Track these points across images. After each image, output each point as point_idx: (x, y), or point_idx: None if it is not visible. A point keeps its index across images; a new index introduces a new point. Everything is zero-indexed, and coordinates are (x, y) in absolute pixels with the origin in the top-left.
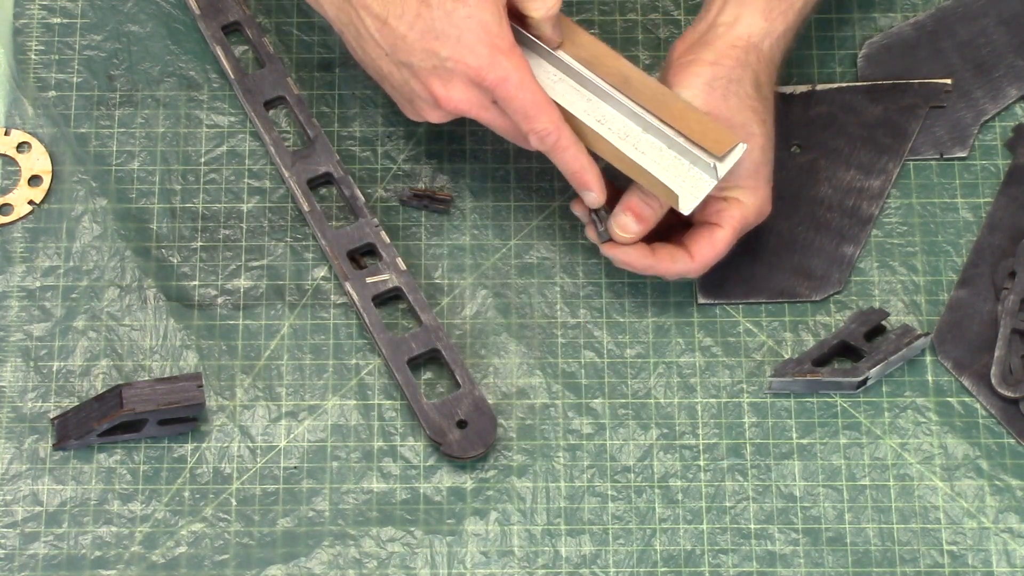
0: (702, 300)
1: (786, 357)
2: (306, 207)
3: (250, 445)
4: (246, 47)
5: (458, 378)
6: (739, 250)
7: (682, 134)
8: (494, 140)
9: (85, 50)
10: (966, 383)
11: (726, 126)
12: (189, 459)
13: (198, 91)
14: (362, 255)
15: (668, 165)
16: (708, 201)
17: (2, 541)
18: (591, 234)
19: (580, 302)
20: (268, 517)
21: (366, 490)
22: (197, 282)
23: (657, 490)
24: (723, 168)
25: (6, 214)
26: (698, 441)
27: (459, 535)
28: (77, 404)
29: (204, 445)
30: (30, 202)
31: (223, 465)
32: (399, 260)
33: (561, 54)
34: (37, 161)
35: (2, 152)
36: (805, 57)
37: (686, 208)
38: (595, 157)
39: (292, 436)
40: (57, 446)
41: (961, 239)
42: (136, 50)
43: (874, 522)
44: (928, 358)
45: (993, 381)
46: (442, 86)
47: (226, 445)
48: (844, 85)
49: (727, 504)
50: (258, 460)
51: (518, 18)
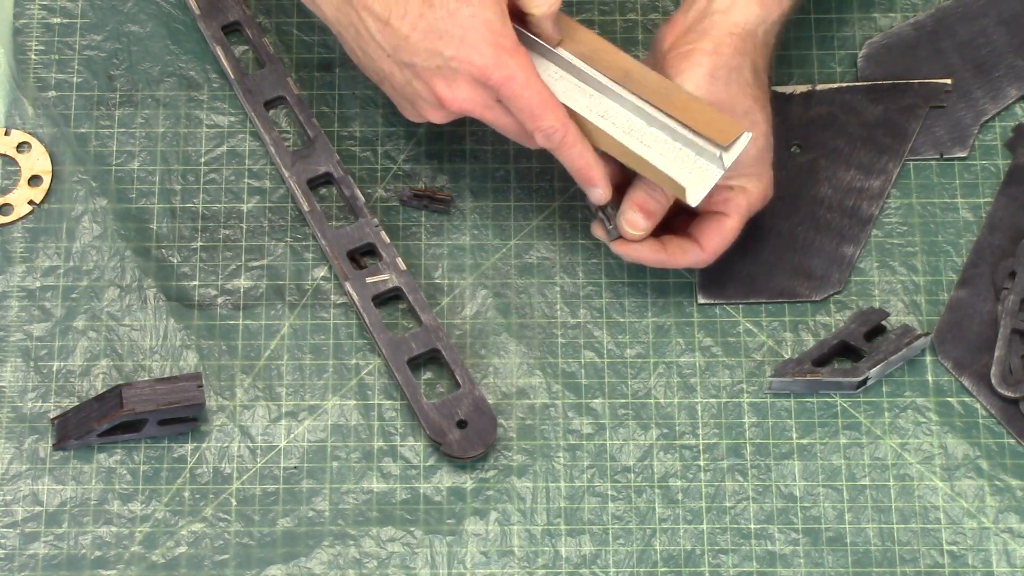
0: (702, 300)
1: (786, 357)
2: (306, 207)
3: (250, 445)
4: (246, 47)
5: (458, 378)
6: (739, 250)
7: (686, 126)
8: (494, 140)
9: (85, 50)
10: (966, 383)
11: (730, 116)
12: (189, 459)
13: (198, 91)
14: (362, 255)
15: (674, 157)
16: (714, 191)
17: (2, 541)
18: (599, 233)
19: (580, 302)
20: (268, 517)
21: (366, 490)
22: (197, 282)
23: (657, 490)
24: (729, 158)
25: (6, 214)
26: (698, 441)
27: (459, 535)
28: (77, 404)
29: (204, 445)
30: (30, 202)
31: (223, 465)
32: (399, 260)
33: (561, 51)
34: (37, 161)
35: (2, 152)
36: (805, 57)
37: (694, 200)
38: (599, 154)
39: (292, 436)
40: (57, 446)
41: (961, 239)
42: (136, 50)
43: (874, 522)
44: (928, 358)
45: (993, 381)
46: (446, 86)
47: (226, 445)
48: (844, 85)
49: (727, 504)
50: (258, 460)
51: (518, 16)
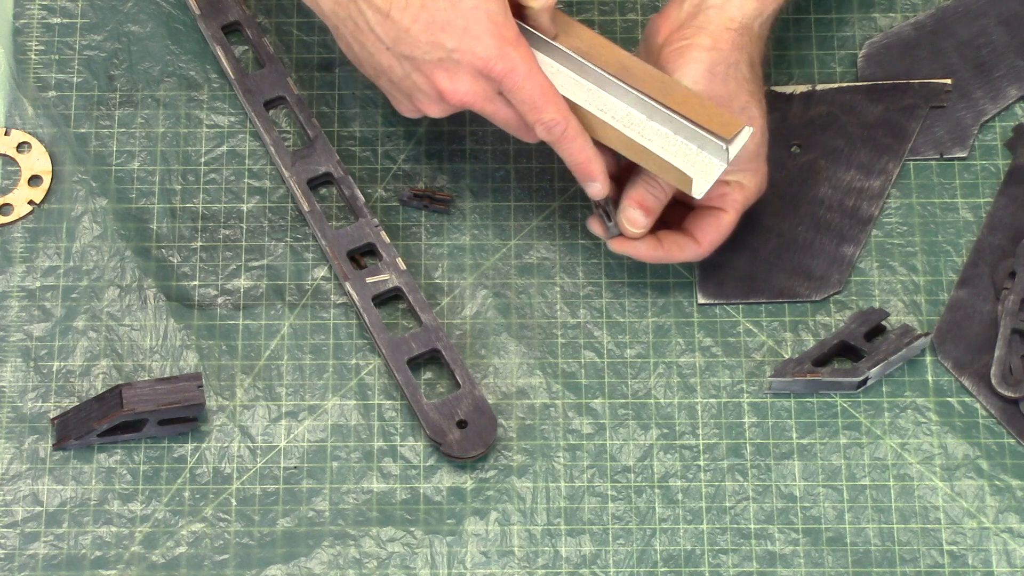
0: (702, 300)
1: (786, 357)
2: (306, 207)
3: (250, 445)
4: (246, 47)
5: (458, 378)
6: (739, 250)
7: (688, 119)
8: (494, 140)
9: (85, 50)
10: (966, 383)
11: (729, 110)
12: (189, 459)
13: (198, 91)
14: (362, 255)
15: (676, 151)
16: (712, 186)
17: (2, 541)
18: (597, 229)
19: (580, 302)
20: (268, 517)
21: (366, 490)
22: (197, 282)
23: (657, 490)
24: (733, 151)
25: (6, 214)
26: (698, 441)
27: (459, 535)
28: (77, 404)
29: (204, 445)
30: (30, 202)
31: (223, 465)
32: (399, 260)
33: (558, 45)
34: (37, 161)
35: (2, 152)
36: (805, 57)
37: (699, 192)
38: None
39: (292, 436)
40: (57, 446)
41: (961, 239)
42: (136, 50)
43: (874, 522)
44: (928, 358)
45: (993, 381)
46: (448, 78)
47: (226, 445)
48: (844, 85)
49: (727, 504)
50: (258, 460)
51: (515, 10)
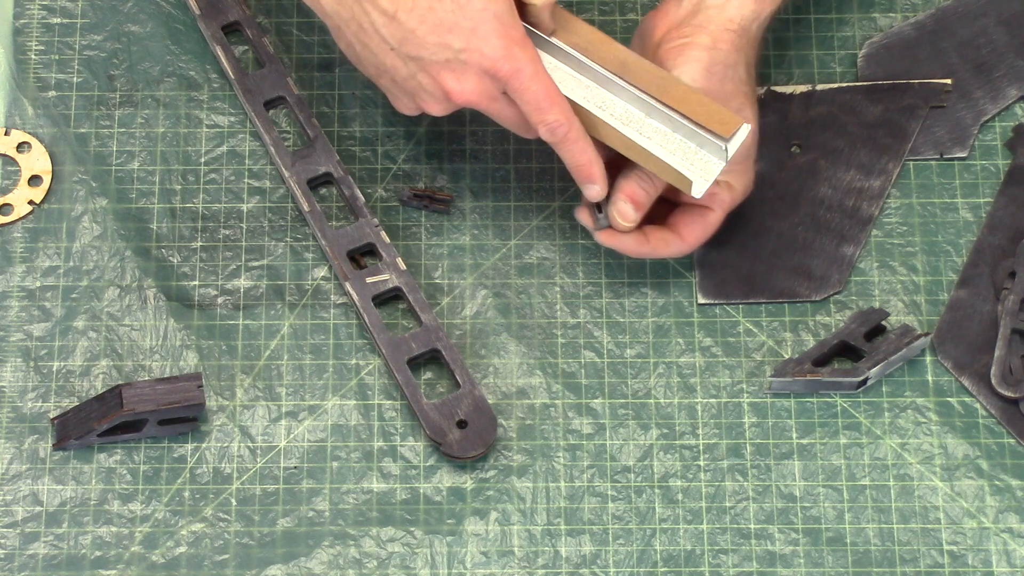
0: (702, 300)
1: (786, 357)
2: (306, 207)
3: (250, 445)
4: (246, 47)
5: (458, 378)
6: (739, 250)
7: (687, 117)
8: (494, 140)
9: (85, 50)
10: (966, 383)
11: (727, 108)
12: (189, 459)
13: (198, 91)
14: (362, 255)
15: (675, 149)
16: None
17: (2, 541)
18: (586, 220)
19: (580, 302)
20: (268, 517)
21: (366, 490)
22: (197, 282)
23: (657, 490)
24: (731, 149)
25: (6, 214)
26: (698, 441)
27: (459, 535)
28: (77, 404)
29: (204, 445)
30: (30, 202)
31: (223, 465)
32: (399, 260)
33: (557, 41)
34: (37, 161)
35: (2, 152)
36: (805, 57)
37: (699, 192)
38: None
39: (292, 436)
40: (57, 446)
41: (961, 239)
42: (136, 50)
43: (874, 522)
44: (928, 358)
45: (993, 381)
46: (455, 79)
47: (226, 445)
48: (844, 85)
49: (727, 504)
50: (258, 460)
51: (515, 6)
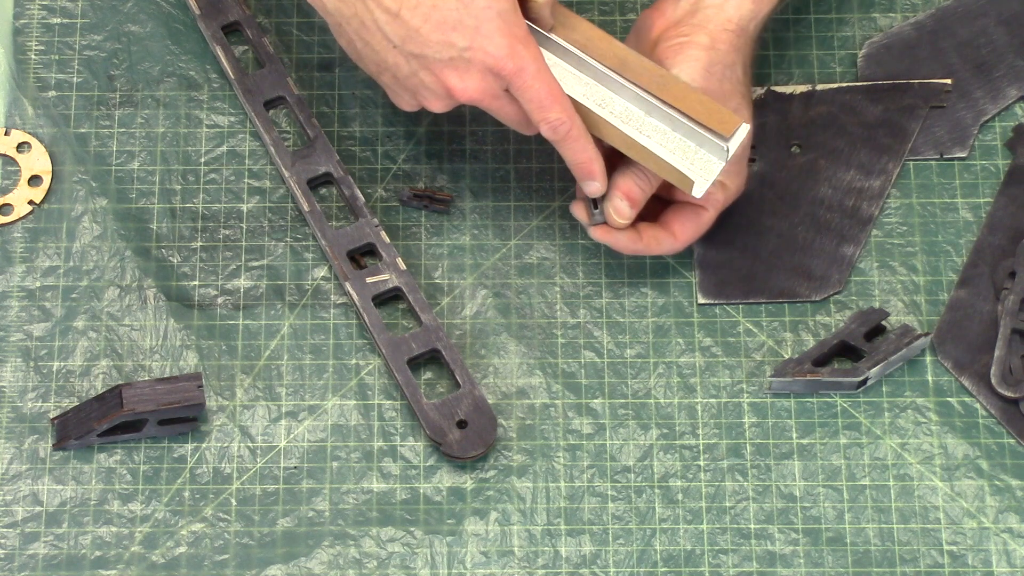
0: (702, 300)
1: (786, 357)
2: (306, 207)
3: (250, 445)
4: (246, 47)
5: (458, 378)
6: (739, 250)
7: (687, 115)
8: (494, 140)
9: (85, 50)
10: (966, 383)
11: (727, 107)
12: (189, 459)
13: (198, 91)
14: (362, 255)
15: (674, 148)
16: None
17: (2, 541)
18: (580, 214)
19: (580, 302)
20: (268, 517)
21: (366, 490)
22: (197, 282)
23: (657, 490)
24: (731, 148)
25: (6, 214)
26: (698, 441)
27: (459, 535)
28: (77, 404)
29: (204, 445)
30: (30, 202)
31: (223, 465)
32: (399, 260)
33: (556, 38)
34: (37, 161)
35: (2, 152)
36: (805, 57)
37: (699, 192)
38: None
39: (292, 436)
40: (57, 446)
41: (961, 239)
42: (136, 50)
43: (874, 522)
44: (928, 358)
45: (993, 381)
46: (458, 77)
47: (226, 445)
48: (844, 85)
49: (727, 504)
50: (258, 460)
51: None
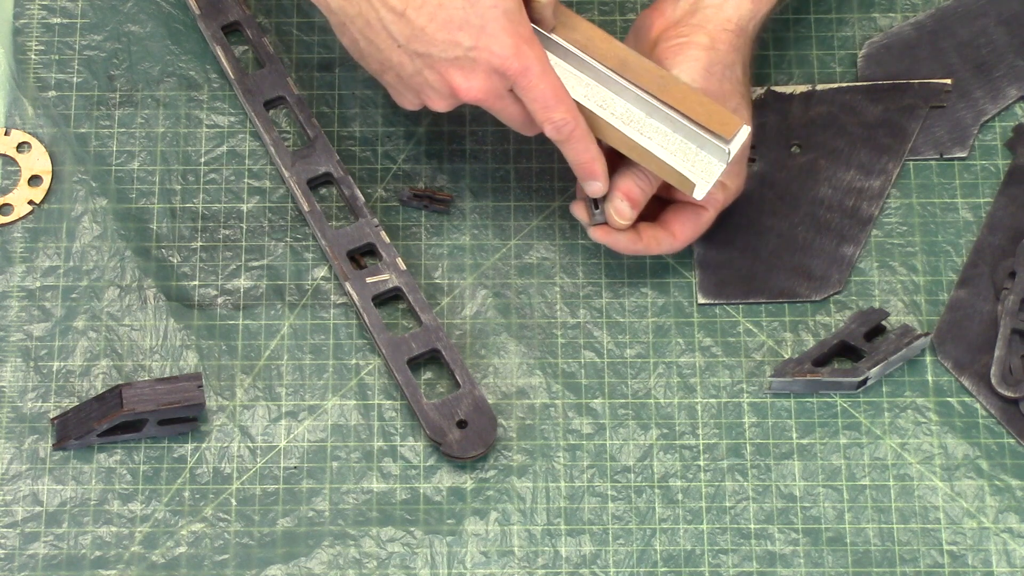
0: (702, 300)
1: (786, 357)
2: (306, 207)
3: (250, 445)
4: (246, 47)
5: (458, 378)
6: (739, 250)
7: (687, 117)
8: (494, 140)
9: (85, 50)
10: (966, 383)
11: (726, 108)
12: (189, 459)
13: (198, 91)
14: (362, 255)
15: (675, 149)
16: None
17: (2, 541)
18: (581, 214)
19: (580, 302)
20: (268, 517)
21: (366, 490)
22: (197, 282)
23: (657, 490)
24: (732, 151)
25: (6, 214)
26: (698, 441)
27: (459, 535)
28: (77, 404)
29: (204, 445)
30: (30, 202)
31: (223, 465)
32: (399, 260)
33: (557, 39)
34: (37, 161)
35: (2, 152)
36: (805, 57)
37: (701, 194)
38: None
39: (292, 436)
40: (57, 446)
41: (961, 239)
42: (136, 50)
43: (874, 522)
44: (928, 358)
45: (993, 381)
46: (463, 76)
47: (226, 445)
48: (844, 85)
49: (727, 504)
50: (258, 460)
51: None
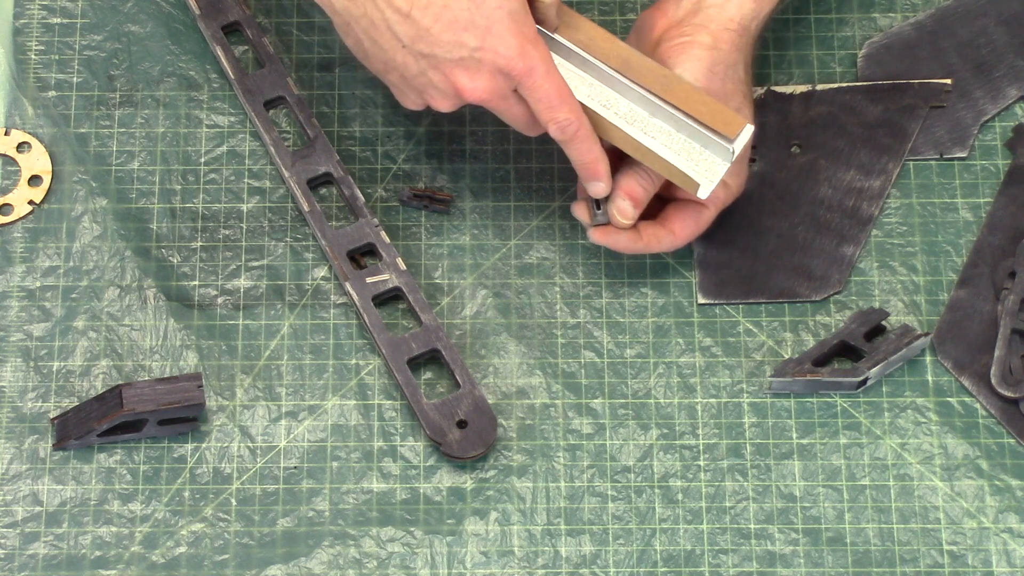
0: (702, 300)
1: (786, 357)
2: (306, 207)
3: (250, 445)
4: (246, 47)
5: (458, 378)
6: (739, 250)
7: (691, 116)
8: (494, 140)
9: (85, 50)
10: (966, 383)
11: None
12: (189, 459)
13: (198, 91)
14: (362, 255)
15: (679, 149)
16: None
17: (2, 541)
18: (582, 215)
19: (580, 302)
20: (268, 517)
21: (366, 490)
22: (197, 282)
23: (657, 490)
24: (737, 150)
25: (6, 214)
26: (698, 441)
27: (459, 535)
28: (77, 404)
29: (204, 445)
30: (30, 202)
31: (223, 465)
32: (399, 260)
33: (560, 38)
34: (37, 161)
35: (2, 152)
36: (805, 57)
37: (704, 194)
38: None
39: (292, 436)
40: (57, 446)
41: (961, 239)
42: (136, 50)
43: (874, 522)
44: (928, 358)
45: (993, 381)
46: (468, 77)
47: (226, 445)
48: (844, 85)
49: (727, 504)
50: (258, 460)
51: None
